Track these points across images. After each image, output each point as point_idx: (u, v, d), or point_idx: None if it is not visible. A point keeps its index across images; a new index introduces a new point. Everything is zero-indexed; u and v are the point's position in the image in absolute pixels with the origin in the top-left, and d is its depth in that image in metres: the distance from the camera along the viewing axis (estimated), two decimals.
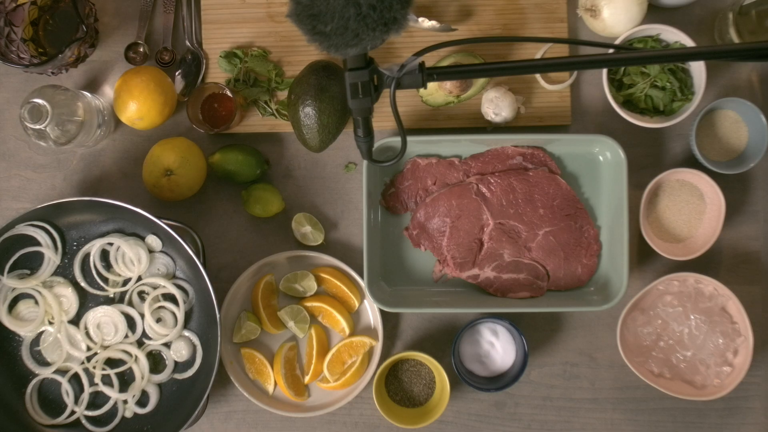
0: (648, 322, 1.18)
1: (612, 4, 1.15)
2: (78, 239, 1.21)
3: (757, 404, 1.22)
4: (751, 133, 1.20)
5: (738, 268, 1.23)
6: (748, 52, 0.90)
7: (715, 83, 1.23)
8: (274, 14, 1.24)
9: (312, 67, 1.17)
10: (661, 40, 1.18)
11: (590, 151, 1.21)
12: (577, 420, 1.23)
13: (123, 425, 1.20)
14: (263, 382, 1.22)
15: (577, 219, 1.20)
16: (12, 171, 1.26)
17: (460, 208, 1.19)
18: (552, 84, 1.22)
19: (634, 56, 0.99)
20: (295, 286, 1.22)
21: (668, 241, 1.21)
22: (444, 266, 1.21)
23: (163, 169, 1.17)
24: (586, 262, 1.20)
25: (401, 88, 0.93)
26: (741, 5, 1.15)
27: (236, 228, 1.24)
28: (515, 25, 1.23)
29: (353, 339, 1.20)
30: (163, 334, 1.19)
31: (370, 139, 1.01)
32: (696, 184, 1.20)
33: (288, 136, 1.25)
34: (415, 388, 1.21)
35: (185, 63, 1.24)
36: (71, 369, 1.20)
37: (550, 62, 0.99)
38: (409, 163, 1.21)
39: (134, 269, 1.19)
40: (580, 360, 1.23)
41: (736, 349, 1.17)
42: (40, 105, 1.10)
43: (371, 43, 0.86)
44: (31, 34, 1.20)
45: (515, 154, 1.20)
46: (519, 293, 1.20)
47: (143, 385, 1.19)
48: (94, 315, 1.19)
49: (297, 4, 0.85)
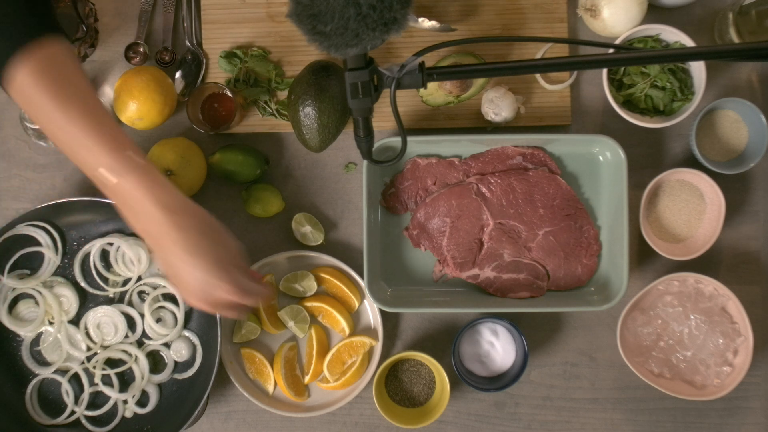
0: (648, 322, 1.18)
1: (612, 4, 1.15)
2: (78, 239, 1.21)
3: (757, 404, 1.22)
4: (751, 133, 1.20)
5: (738, 268, 1.23)
6: (748, 52, 0.90)
7: (715, 83, 1.23)
8: (274, 14, 1.24)
9: (312, 67, 1.17)
10: (661, 40, 1.18)
11: (590, 151, 1.21)
12: (577, 420, 1.23)
13: (123, 425, 1.20)
14: (263, 382, 1.22)
15: (577, 219, 1.20)
16: (12, 171, 1.26)
17: (460, 208, 1.19)
18: (552, 84, 1.22)
19: (634, 56, 0.99)
20: (295, 286, 1.22)
21: (668, 241, 1.21)
22: (444, 266, 1.21)
23: (163, 169, 1.17)
24: (586, 262, 1.20)
25: (401, 88, 0.93)
26: (741, 5, 1.15)
27: (236, 228, 1.24)
28: (515, 25, 1.23)
29: (353, 339, 1.20)
30: (163, 334, 1.19)
31: (370, 139, 1.01)
32: (696, 184, 1.20)
33: (288, 136, 1.25)
34: (415, 388, 1.21)
35: (185, 63, 1.24)
36: (71, 369, 1.20)
37: (550, 62, 0.99)
38: (409, 163, 1.21)
39: (134, 269, 1.19)
40: (580, 360, 1.23)
41: (736, 349, 1.17)
42: None
43: (371, 43, 0.86)
44: None
45: (515, 154, 1.20)
46: (519, 293, 1.20)
47: (143, 385, 1.19)
48: (94, 315, 1.20)
49: (297, 4, 0.85)
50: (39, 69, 0.86)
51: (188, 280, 0.91)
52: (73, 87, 0.88)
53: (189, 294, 0.92)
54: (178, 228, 0.89)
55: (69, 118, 0.86)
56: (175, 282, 0.93)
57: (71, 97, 0.87)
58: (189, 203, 0.92)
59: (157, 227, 0.89)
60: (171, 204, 0.89)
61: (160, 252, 0.91)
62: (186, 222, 0.90)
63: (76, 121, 0.86)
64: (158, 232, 0.89)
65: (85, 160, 0.88)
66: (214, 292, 0.91)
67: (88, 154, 0.87)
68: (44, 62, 0.86)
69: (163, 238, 0.89)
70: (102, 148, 0.87)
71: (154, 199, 0.88)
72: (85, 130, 0.87)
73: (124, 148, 0.88)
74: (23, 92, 0.87)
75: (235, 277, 0.92)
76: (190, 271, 0.90)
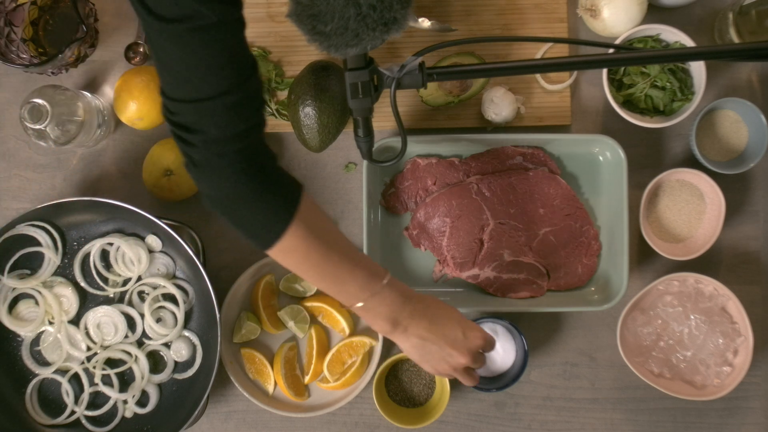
0: (648, 322, 1.18)
1: (612, 4, 1.15)
2: (78, 239, 1.21)
3: (757, 404, 1.22)
4: (751, 133, 1.20)
5: (738, 268, 1.23)
6: (748, 52, 0.90)
7: (715, 83, 1.23)
8: (274, 14, 1.24)
9: (312, 67, 1.17)
10: (661, 40, 1.18)
11: (590, 151, 1.21)
12: (577, 420, 1.23)
13: (123, 425, 1.20)
14: (263, 382, 1.22)
15: (577, 219, 1.20)
16: (12, 171, 1.26)
17: (460, 208, 1.19)
18: (552, 84, 1.22)
19: (634, 56, 0.99)
20: (295, 286, 1.22)
21: (668, 241, 1.21)
22: (444, 266, 1.21)
23: (163, 169, 1.17)
24: (586, 262, 1.20)
25: (401, 88, 0.93)
26: (741, 5, 1.15)
27: None
28: (515, 25, 1.23)
29: (353, 339, 1.20)
30: (163, 334, 1.19)
31: (370, 139, 1.01)
32: (696, 184, 1.20)
33: (288, 136, 1.25)
34: (415, 388, 1.21)
35: None
36: (71, 369, 1.20)
37: (550, 62, 0.99)
38: (409, 163, 1.21)
39: (134, 269, 1.19)
40: (580, 360, 1.23)
41: (736, 349, 1.17)
42: (40, 105, 1.10)
43: (371, 43, 0.86)
44: (31, 34, 1.20)
45: (515, 154, 1.20)
46: (519, 293, 1.20)
47: (143, 385, 1.19)
48: (94, 315, 1.20)
49: (297, 4, 0.85)
50: (306, 227, 0.89)
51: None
52: (330, 234, 0.93)
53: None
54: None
55: (334, 263, 0.92)
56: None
57: (332, 245, 0.92)
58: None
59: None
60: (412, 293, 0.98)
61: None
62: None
63: (339, 265, 0.92)
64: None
65: (347, 300, 0.95)
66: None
67: (348, 296, 0.94)
68: (308, 218, 0.89)
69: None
70: (360, 288, 0.94)
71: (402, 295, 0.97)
72: (348, 270, 0.93)
73: (381, 279, 0.95)
74: (294, 253, 0.90)
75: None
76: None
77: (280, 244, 0.87)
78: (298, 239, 0.88)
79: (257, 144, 0.84)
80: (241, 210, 0.86)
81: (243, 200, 0.85)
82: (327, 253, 0.91)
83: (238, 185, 0.83)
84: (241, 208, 0.85)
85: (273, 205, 0.86)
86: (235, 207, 0.85)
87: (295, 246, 0.88)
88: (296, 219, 0.87)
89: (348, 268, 0.93)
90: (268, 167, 0.86)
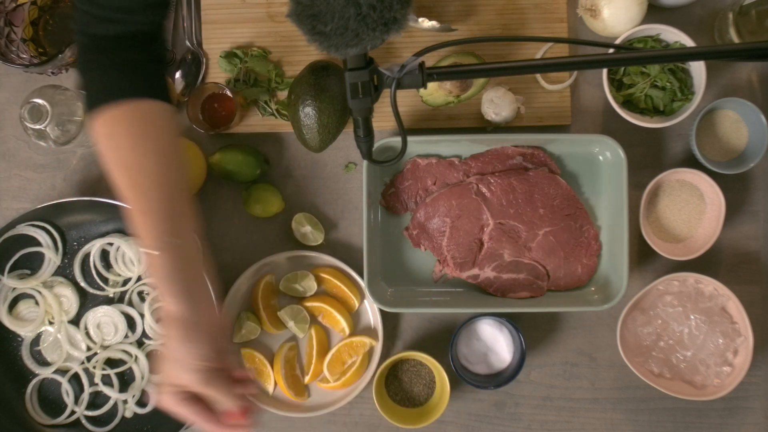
0: (648, 322, 1.18)
1: (612, 4, 1.15)
2: (78, 239, 1.21)
3: (757, 404, 1.22)
4: (751, 133, 1.20)
5: (738, 268, 1.23)
6: (748, 52, 0.90)
7: (715, 83, 1.23)
8: (274, 14, 1.24)
9: (312, 67, 1.17)
10: (661, 40, 1.18)
11: (590, 151, 1.21)
12: (577, 420, 1.23)
13: (123, 425, 1.20)
14: (263, 382, 1.22)
15: (577, 219, 1.20)
16: (12, 171, 1.26)
17: (460, 208, 1.19)
18: (552, 84, 1.22)
19: (634, 56, 0.99)
20: (295, 286, 1.22)
21: (668, 241, 1.21)
22: (444, 266, 1.21)
23: None
24: (586, 262, 1.20)
25: (401, 88, 0.93)
26: (741, 5, 1.15)
27: (236, 228, 1.24)
28: (515, 25, 1.23)
29: (353, 339, 1.20)
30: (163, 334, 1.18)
31: (370, 139, 1.01)
32: (696, 184, 1.20)
33: (288, 136, 1.25)
34: (415, 388, 1.21)
35: (185, 63, 1.24)
36: (71, 369, 1.20)
37: (550, 62, 0.99)
38: (409, 163, 1.21)
39: (134, 269, 1.19)
40: (580, 360, 1.23)
41: (736, 349, 1.17)
42: (40, 105, 1.10)
43: (371, 43, 0.86)
44: (31, 34, 1.20)
45: (515, 154, 1.20)
46: (519, 293, 1.20)
47: (143, 385, 1.19)
48: (94, 315, 1.20)
49: (297, 4, 0.85)
50: (129, 114, 0.92)
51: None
52: (154, 142, 0.93)
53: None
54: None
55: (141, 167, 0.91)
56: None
57: (148, 150, 0.92)
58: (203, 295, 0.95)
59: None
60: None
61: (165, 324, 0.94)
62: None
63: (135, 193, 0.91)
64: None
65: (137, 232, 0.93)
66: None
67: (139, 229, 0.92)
68: (137, 112, 0.92)
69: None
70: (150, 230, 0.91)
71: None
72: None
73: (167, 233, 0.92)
74: (106, 129, 0.92)
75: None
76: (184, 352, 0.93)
77: (95, 122, 0.92)
78: (114, 120, 0.91)
79: (154, 33, 0.94)
80: (93, 71, 0.93)
81: (99, 64, 0.92)
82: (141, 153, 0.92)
83: (106, 49, 0.92)
84: (95, 68, 0.93)
85: (106, 84, 0.92)
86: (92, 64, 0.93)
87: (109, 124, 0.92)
88: (106, 113, 0.91)
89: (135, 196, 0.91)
90: (142, 59, 0.93)
